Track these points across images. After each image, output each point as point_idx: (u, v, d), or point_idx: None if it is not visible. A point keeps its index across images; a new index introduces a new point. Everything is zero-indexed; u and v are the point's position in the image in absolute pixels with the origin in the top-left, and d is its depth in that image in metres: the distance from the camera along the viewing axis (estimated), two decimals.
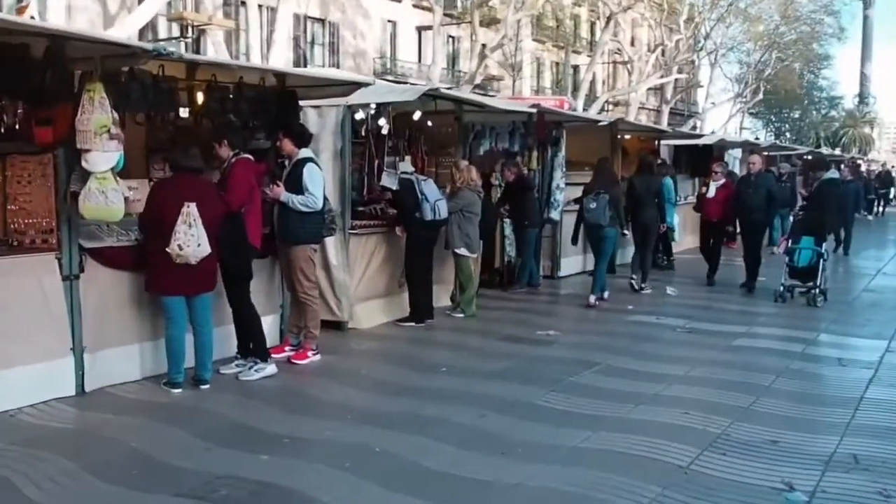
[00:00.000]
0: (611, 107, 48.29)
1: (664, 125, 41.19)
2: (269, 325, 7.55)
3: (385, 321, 8.89)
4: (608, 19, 37.60)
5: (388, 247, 8.92)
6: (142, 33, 26.39)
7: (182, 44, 25.27)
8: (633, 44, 50.13)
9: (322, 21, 34.64)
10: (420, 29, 38.76)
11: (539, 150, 11.77)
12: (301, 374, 6.86)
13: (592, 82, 50.82)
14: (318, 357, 7.20)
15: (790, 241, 10.95)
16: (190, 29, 25.07)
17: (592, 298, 10.24)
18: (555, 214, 11.95)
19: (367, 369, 7.03)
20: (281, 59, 23.86)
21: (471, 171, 9.23)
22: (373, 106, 8.80)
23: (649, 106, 55.18)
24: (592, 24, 49.90)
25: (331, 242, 8.26)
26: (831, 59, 58.43)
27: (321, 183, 6.95)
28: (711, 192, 11.89)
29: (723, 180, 11.94)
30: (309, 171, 6.87)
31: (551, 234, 12.33)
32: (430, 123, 10.05)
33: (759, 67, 48.74)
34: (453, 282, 9.75)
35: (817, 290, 10.45)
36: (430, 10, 36.46)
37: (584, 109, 35.98)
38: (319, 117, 8.30)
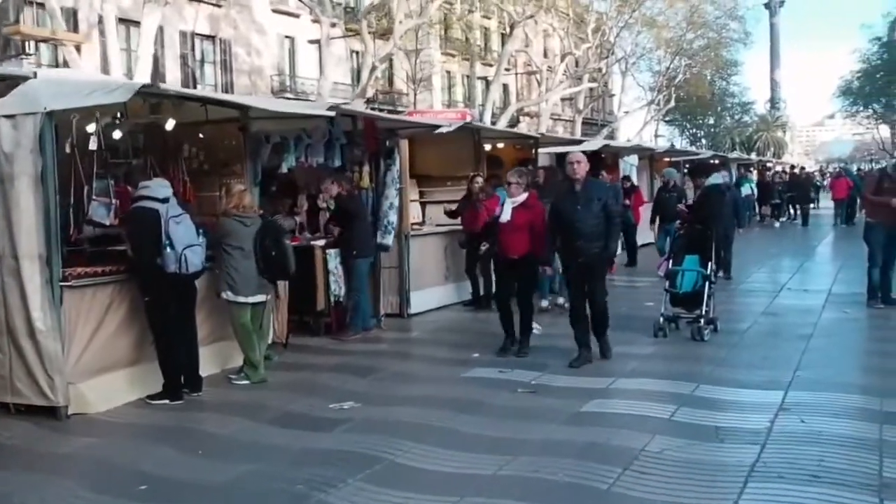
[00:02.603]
0: (526, 118, 47.00)
1: (577, 135, 39.98)
2: None
3: (133, 398, 6.65)
4: (511, 28, 36.09)
5: (134, 298, 6.68)
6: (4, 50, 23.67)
7: (24, 62, 22.53)
8: (545, 55, 49.04)
9: (212, 38, 32.59)
10: (320, 44, 36.74)
11: (371, 164, 9.70)
12: None
13: (506, 94, 49.65)
14: None
15: (671, 261, 9.08)
16: (32, 45, 22.36)
17: (561, 299, 10.35)
18: (388, 240, 9.87)
19: (28, 493, 4.75)
20: (147, 75, 21.47)
21: (243, 196, 7.10)
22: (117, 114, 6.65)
23: (565, 117, 54.21)
24: (503, 36, 48.56)
25: (36, 301, 6.02)
26: (740, 65, 58.36)
27: None
28: (506, 215, 7.81)
29: (523, 196, 7.84)
30: None
31: (397, 264, 10.26)
32: (201, 136, 7.85)
33: (671, 75, 48.00)
34: None
35: (703, 321, 8.57)
36: (331, 24, 34.59)
37: (493, 122, 34.32)
38: (14, 129, 6.05)
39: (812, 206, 27.69)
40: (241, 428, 5.93)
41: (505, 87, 50.04)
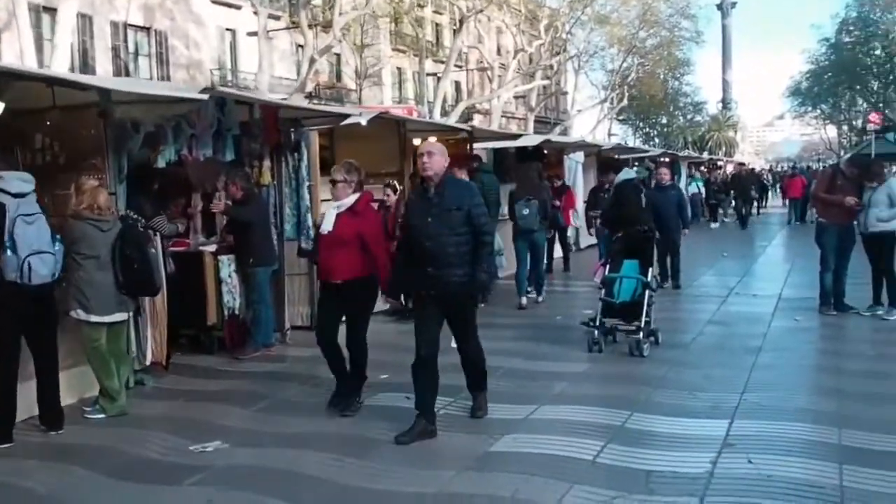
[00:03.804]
0: (480, 116, 46.17)
1: (530, 132, 39.10)
2: None
3: None
4: (461, 23, 35.21)
5: None
6: None
7: None
8: (498, 52, 48.30)
9: (147, 29, 31.21)
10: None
11: (273, 158, 8.62)
12: None
13: (459, 92, 48.75)
14: None
15: (607, 267, 8.14)
16: None
17: (539, 297, 10.77)
18: (310, 244, 8.81)
19: None
20: (65, 65, 20.11)
21: (97, 194, 5.99)
22: None
23: (518, 115, 53.51)
24: (455, 32, 47.79)
25: None
26: (692, 65, 58.22)
27: None
28: (326, 224, 5.95)
29: (352, 199, 5.87)
30: None
31: (307, 270, 9.18)
32: (49, 123, 6.69)
33: (624, 73, 47.55)
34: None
35: (643, 333, 7.64)
36: (274, 17, 33.38)
37: (443, 119, 33.33)
38: None
39: (756, 206, 26.42)
40: (71, 482, 4.82)
41: (457, 84, 49.27)
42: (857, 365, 7.08)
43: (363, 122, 9.31)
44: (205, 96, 6.36)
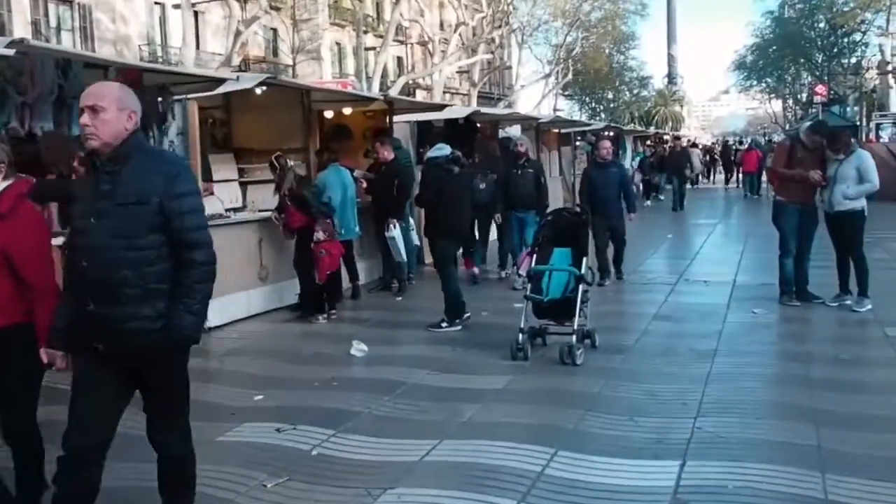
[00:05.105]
0: (423, 92, 44.84)
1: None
2: None
3: None
4: None
5: None
6: None
7: None
8: (441, 27, 47.02)
9: (69, 2, 29.25)
10: (195, 12, 33.70)
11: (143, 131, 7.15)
12: None
13: (401, 67, 47.32)
14: None
15: (534, 256, 6.86)
16: None
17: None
18: None
19: None
20: None
21: None
22: None
23: (461, 91, 52.34)
24: (394, 6, 46.18)
25: None
26: (637, 39, 57.66)
27: None
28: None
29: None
30: None
31: None
32: None
33: (568, 47, 46.64)
34: None
35: (576, 337, 6.39)
36: None
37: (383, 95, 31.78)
38: None
39: (690, 184, 24.96)
40: None
41: (399, 59, 47.97)
42: (829, 373, 5.92)
43: (251, 87, 7.93)
44: (11, 51, 4.87)
